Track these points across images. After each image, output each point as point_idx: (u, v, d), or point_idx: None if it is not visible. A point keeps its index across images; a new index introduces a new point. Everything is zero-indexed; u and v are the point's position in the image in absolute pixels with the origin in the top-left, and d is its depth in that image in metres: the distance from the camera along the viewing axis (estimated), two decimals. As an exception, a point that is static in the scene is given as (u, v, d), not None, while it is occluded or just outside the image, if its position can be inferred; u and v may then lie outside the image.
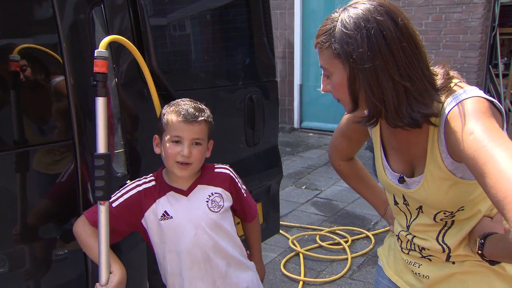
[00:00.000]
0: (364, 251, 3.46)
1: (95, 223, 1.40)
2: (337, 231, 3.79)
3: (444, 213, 1.21)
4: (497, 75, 6.58)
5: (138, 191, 1.48)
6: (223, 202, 1.50)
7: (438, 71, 1.15)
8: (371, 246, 3.50)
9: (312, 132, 7.44)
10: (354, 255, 3.40)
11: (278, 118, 2.61)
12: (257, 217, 1.70)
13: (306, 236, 3.75)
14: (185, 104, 1.46)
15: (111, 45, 1.62)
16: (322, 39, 1.15)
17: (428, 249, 1.28)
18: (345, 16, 1.10)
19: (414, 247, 1.32)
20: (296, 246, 3.52)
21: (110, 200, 1.44)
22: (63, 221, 1.53)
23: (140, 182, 1.50)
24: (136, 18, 1.71)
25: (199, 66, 2.11)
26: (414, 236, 1.31)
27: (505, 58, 7.16)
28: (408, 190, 1.25)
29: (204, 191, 1.49)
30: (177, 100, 1.52)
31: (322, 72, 1.21)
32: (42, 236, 1.47)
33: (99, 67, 1.33)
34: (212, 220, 1.47)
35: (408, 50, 1.08)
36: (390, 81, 1.07)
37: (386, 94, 1.08)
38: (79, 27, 1.53)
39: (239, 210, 1.62)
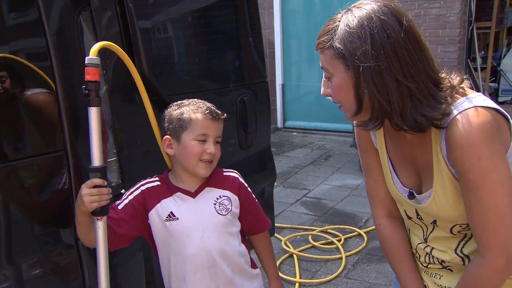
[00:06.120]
0: (358, 249, 3.45)
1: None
2: (329, 230, 3.77)
3: (460, 226, 1.17)
4: (475, 69, 6.69)
5: (142, 191, 1.45)
6: (231, 205, 1.46)
7: (446, 76, 1.12)
8: (364, 244, 3.49)
9: (296, 131, 7.44)
10: (348, 253, 3.39)
11: (270, 119, 2.58)
12: (269, 227, 1.62)
13: (299, 236, 3.73)
14: (204, 104, 1.47)
15: (100, 50, 1.57)
16: (323, 39, 1.13)
17: (448, 262, 1.24)
18: (349, 16, 1.09)
19: (434, 260, 1.28)
20: (289, 247, 3.49)
21: (116, 203, 1.41)
22: (56, 233, 1.47)
23: (143, 182, 1.48)
24: (125, 22, 1.66)
25: (189, 69, 2.06)
26: (433, 248, 1.27)
27: (482, 52, 7.29)
28: (420, 206, 1.22)
29: (212, 194, 1.46)
30: (186, 100, 1.48)
31: (323, 74, 1.18)
32: (35, 249, 1.41)
33: (91, 75, 1.25)
34: (219, 223, 1.43)
35: (412, 51, 1.06)
36: (394, 81, 1.05)
37: (391, 94, 1.05)
38: (67, 33, 1.47)
39: (249, 219, 1.54)
